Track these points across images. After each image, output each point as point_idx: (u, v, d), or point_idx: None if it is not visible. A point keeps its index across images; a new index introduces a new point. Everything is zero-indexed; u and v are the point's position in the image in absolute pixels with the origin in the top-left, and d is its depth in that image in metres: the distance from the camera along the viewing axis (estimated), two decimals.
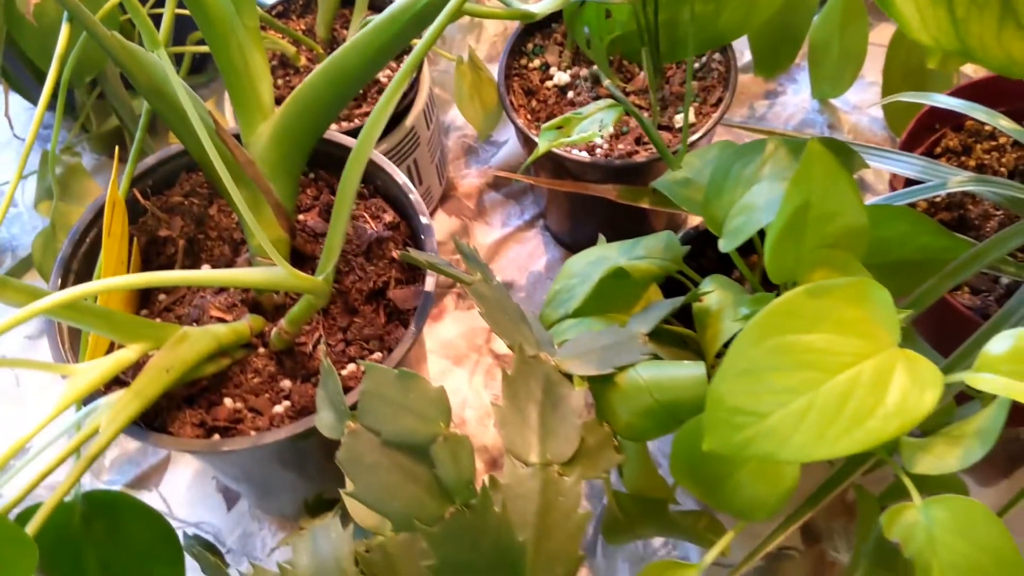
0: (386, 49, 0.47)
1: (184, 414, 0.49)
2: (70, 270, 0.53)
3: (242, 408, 0.51)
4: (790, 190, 0.43)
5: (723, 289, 0.49)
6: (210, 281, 0.43)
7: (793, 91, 0.83)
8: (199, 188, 0.57)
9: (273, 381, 0.52)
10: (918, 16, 0.34)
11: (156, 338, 0.47)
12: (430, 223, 0.53)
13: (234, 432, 0.49)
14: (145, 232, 0.56)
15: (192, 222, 0.57)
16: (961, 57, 0.35)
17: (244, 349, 0.52)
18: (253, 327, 0.52)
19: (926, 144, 0.64)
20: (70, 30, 0.48)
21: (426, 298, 0.51)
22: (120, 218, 0.51)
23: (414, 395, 0.38)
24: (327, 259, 0.46)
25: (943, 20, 0.34)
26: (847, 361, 0.37)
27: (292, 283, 0.45)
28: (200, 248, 0.57)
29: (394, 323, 0.53)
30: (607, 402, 0.45)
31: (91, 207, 0.55)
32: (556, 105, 0.67)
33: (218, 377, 0.51)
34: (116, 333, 0.46)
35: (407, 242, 0.56)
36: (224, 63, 0.50)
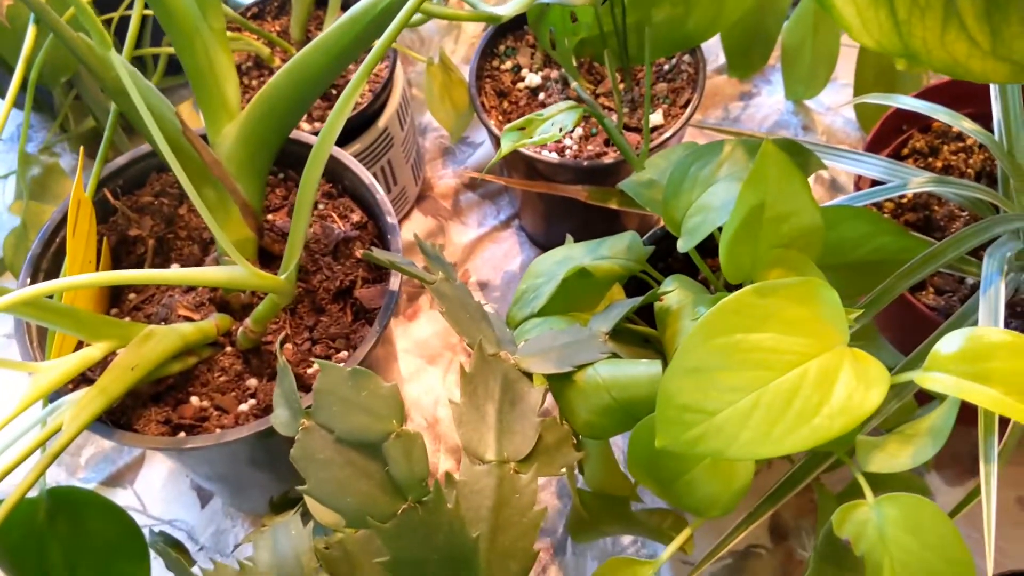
0: (348, 50, 0.47)
1: (150, 412, 0.50)
2: (39, 269, 0.54)
3: (208, 406, 0.51)
4: (744, 190, 0.43)
5: (684, 289, 0.49)
6: (171, 280, 0.43)
7: (768, 92, 0.84)
8: (169, 188, 0.58)
9: (239, 380, 0.52)
10: (858, 18, 0.34)
11: (121, 336, 0.48)
12: (395, 223, 0.54)
13: (200, 430, 0.50)
14: (115, 232, 0.56)
15: (162, 222, 0.57)
16: (905, 59, 0.35)
17: (211, 348, 0.53)
18: (220, 326, 0.52)
19: (893, 145, 0.64)
20: (36, 31, 0.48)
21: (390, 297, 0.52)
22: (87, 217, 0.51)
23: (367, 393, 0.38)
24: (289, 257, 0.47)
25: (885, 22, 0.34)
26: (793, 360, 0.38)
27: (254, 282, 0.45)
28: (170, 248, 0.57)
29: (360, 322, 0.54)
30: (566, 400, 0.46)
31: (61, 206, 0.55)
32: (528, 107, 0.67)
33: (185, 375, 0.51)
34: (81, 331, 0.46)
35: (374, 241, 0.56)
36: (189, 64, 0.50)
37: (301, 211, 0.45)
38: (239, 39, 0.67)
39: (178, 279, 0.44)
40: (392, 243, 0.53)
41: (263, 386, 0.51)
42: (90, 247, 0.52)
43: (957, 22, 0.35)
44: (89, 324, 0.47)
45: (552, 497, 0.65)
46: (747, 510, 0.48)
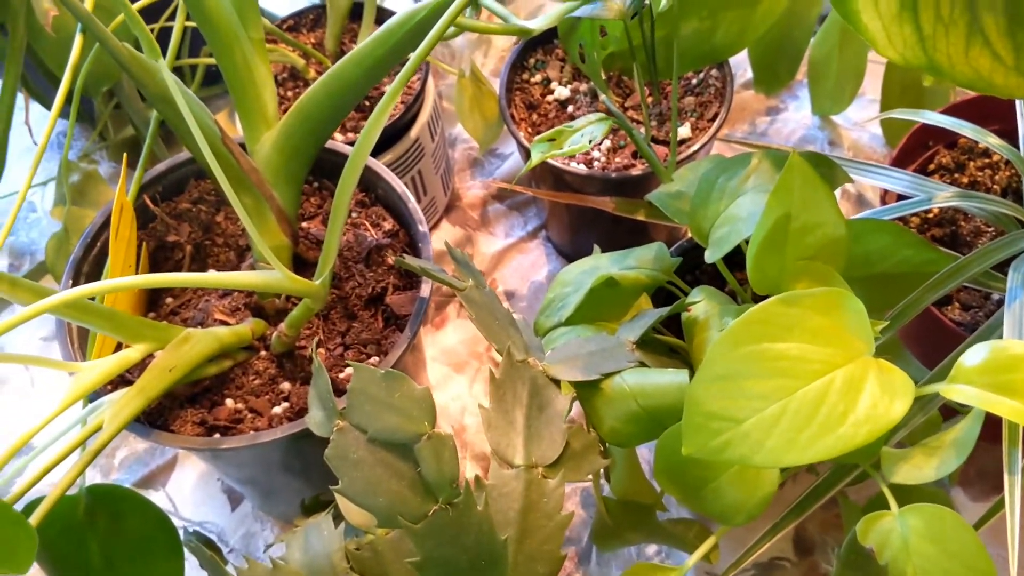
0: (383, 62, 0.48)
1: (186, 413, 0.51)
2: (80, 272, 0.55)
3: (243, 409, 0.52)
4: (771, 202, 0.44)
5: (711, 300, 0.50)
6: (210, 283, 0.44)
7: (794, 107, 0.84)
8: (207, 195, 0.59)
9: (273, 383, 0.53)
10: (884, 33, 0.35)
11: (160, 339, 0.49)
12: (427, 231, 0.55)
13: (234, 431, 0.51)
14: (154, 237, 0.58)
15: (199, 228, 0.58)
16: (930, 73, 0.36)
17: (246, 351, 0.54)
18: (255, 330, 0.54)
19: (919, 161, 0.65)
20: (83, 40, 0.50)
21: (420, 303, 0.53)
22: (128, 222, 0.53)
23: (399, 395, 0.39)
24: (324, 264, 0.48)
25: (909, 37, 0.35)
26: (819, 369, 0.38)
27: (289, 286, 0.46)
28: (207, 254, 0.58)
29: (391, 328, 0.55)
30: (593, 407, 0.46)
31: (103, 211, 0.57)
32: (556, 119, 0.68)
33: (220, 378, 0.53)
34: (121, 333, 0.48)
35: (405, 249, 0.57)
36: (229, 73, 0.52)
37: (336, 219, 0.46)
38: (275, 50, 0.69)
39: (218, 282, 0.45)
40: (423, 251, 0.54)
41: (296, 390, 0.52)
42: (130, 252, 0.53)
43: (981, 38, 0.36)
44: (129, 326, 0.48)
45: (577, 507, 0.66)
46: (772, 521, 0.48)
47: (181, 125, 0.52)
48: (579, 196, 0.66)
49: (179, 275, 0.43)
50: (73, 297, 0.39)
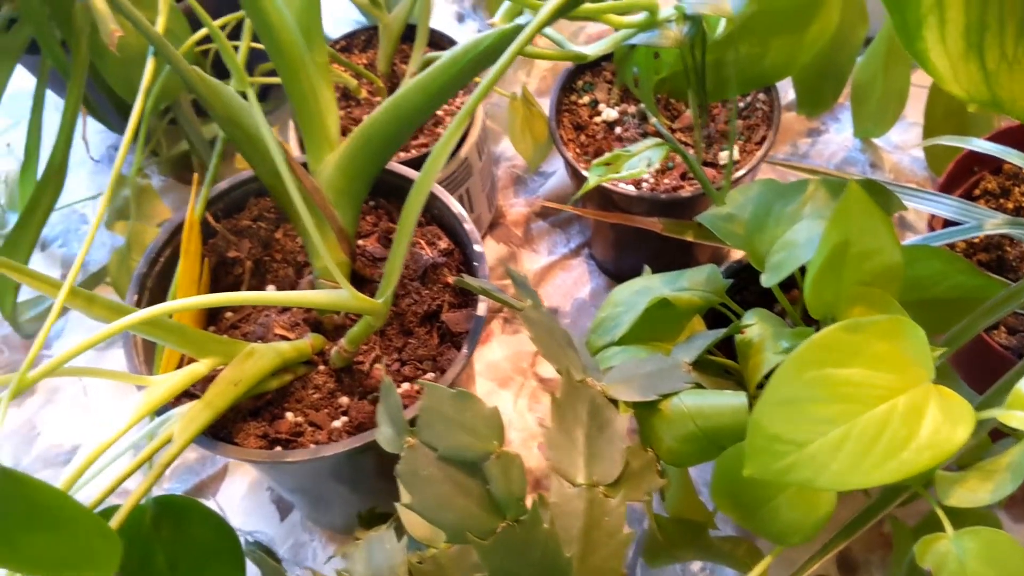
0: (448, 88, 0.50)
1: (248, 426, 0.52)
2: (145, 287, 0.56)
3: (302, 422, 0.53)
4: (829, 228, 0.45)
5: (764, 322, 0.50)
6: (283, 302, 0.46)
7: (835, 129, 0.85)
8: (267, 212, 0.61)
9: (332, 397, 0.54)
10: (951, 70, 0.36)
11: (225, 353, 0.50)
12: (482, 251, 0.56)
13: (295, 444, 0.52)
14: (215, 253, 0.59)
15: (259, 244, 0.60)
16: (992, 109, 0.36)
17: (305, 366, 0.55)
18: (314, 345, 0.55)
19: (965, 186, 0.65)
20: (155, 64, 0.51)
21: (477, 322, 0.54)
22: (195, 239, 0.54)
23: (469, 413, 0.40)
24: (387, 283, 0.49)
25: (975, 74, 0.36)
26: (882, 395, 0.39)
27: (355, 305, 0.48)
28: (266, 269, 0.60)
29: (446, 345, 0.56)
30: (651, 427, 0.47)
31: (165, 228, 0.58)
32: (604, 140, 0.69)
33: (281, 392, 0.54)
34: (189, 348, 0.49)
35: (460, 268, 0.58)
36: (296, 96, 0.53)
37: (401, 241, 0.48)
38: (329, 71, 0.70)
39: (288, 301, 0.46)
40: (479, 270, 0.55)
41: (354, 404, 0.53)
42: (195, 267, 0.55)
43: None
44: (197, 341, 0.49)
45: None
46: (821, 542, 0.49)
47: (247, 146, 0.53)
48: (627, 216, 0.67)
49: (254, 294, 0.44)
50: (154, 315, 0.41)
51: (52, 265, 0.84)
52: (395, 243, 0.48)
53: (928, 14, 0.35)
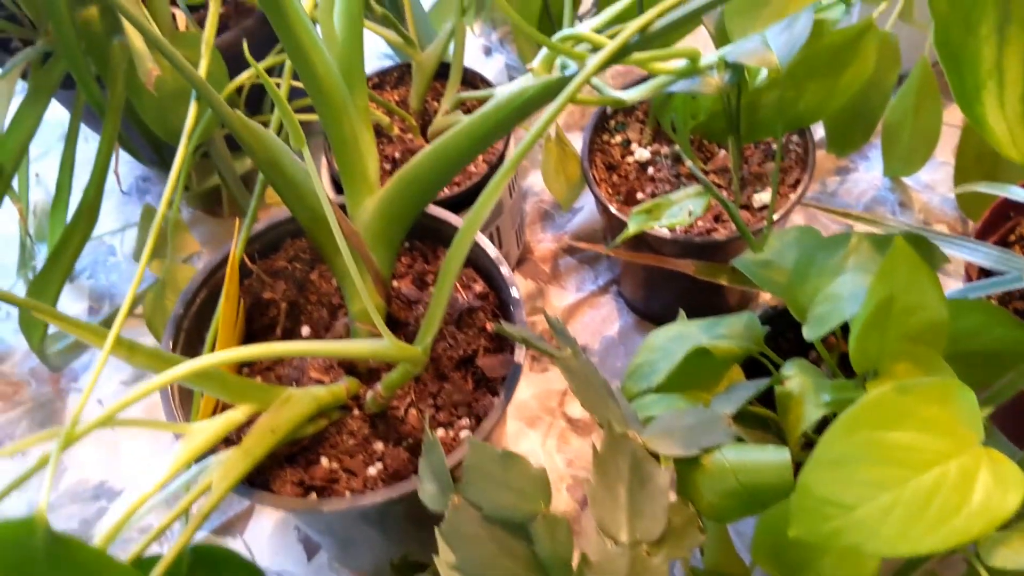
0: (490, 135, 0.50)
1: (285, 472, 0.52)
2: (181, 328, 0.56)
3: (337, 468, 0.53)
4: (875, 284, 0.44)
5: (804, 374, 0.50)
6: (322, 352, 0.45)
7: (864, 168, 0.85)
8: (302, 254, 0.61)
9: (367, 443, 0.54)
10: (1009, 134, 0.36)
11: (263, 400, 0.50)
12: (519, 297, 0.56)
13: (329, 492, 0.52)
14: (251, 294, 0.59)
15: (294, 286, 0.60)
16: None
17: (340, 410, 0.55)
18: (349, 389, 0.55)
19: (1001, 231, 0.65)
20: (198, 108, 0.52)
21: (515, 370, 0.53)
22: (234, 283, 0.54)
23: (515, 473, 0.40)
24: (426, 331, 0.49)
25: None
26: (932, 459, 0.38)
27: (395, 354, 0.47)
28: (300, 311, 0.60)
29: (482, 390, 0.55)
30: (692, 482, 0.47)
31: (202, 269, 0.58)
32: (637, 180, 0.69)
33: (316, 437, 0.54)
34: (228, 395, 0.49)
35: (495, 312, 0.58)
36: (336, 139, 0.53)
37: (442, 290, 0.47)
38: None
39: (330, 351, 0.46)
40: (516, 316, 0.55)
41: (389, 451, 0.53)
42: (234, 311, 0.55)
43: None
44: (235, 388, 0.49)
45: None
46: None
47: (286, 190, 0.53)
48: (659, 258, 0.67)
49: (297, 344, 0.44)
50: (203, 367, 0.41)
51: (80, 297, 0.84)
52: (436, 292, 0.48)
53: (988, 78, 0.34)
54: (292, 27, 0.48)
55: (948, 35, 0.33)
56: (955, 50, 0.33)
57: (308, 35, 0.48)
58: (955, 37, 0.33)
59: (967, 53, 0.33)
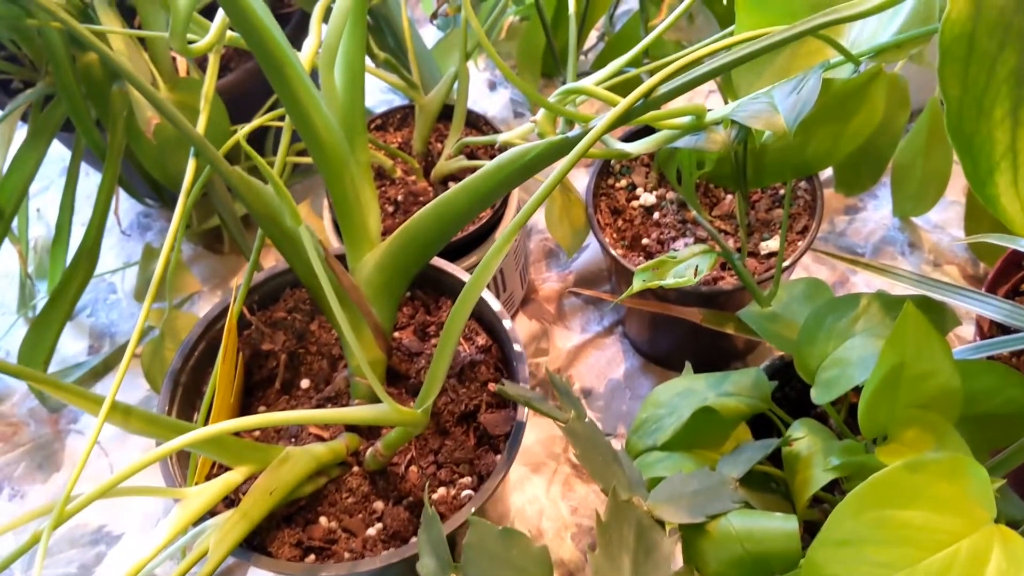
0: (493, 193, 0.49)
1: (283, 533, 0.51)
2: (179, 383, 0.56)
3: (336, 528, 0.52)
4: (885, 350, 0.44)
5: (813, 435, 0.49)
6: (322, 420, 0.45)
7: (873, 207, 0.84)
8: (302, 304, 0.60)
9: (366, 502, 0.53)
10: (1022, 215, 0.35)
11: (261, 460, 0.50)
12: (522, 351, 0.55)
13: (328, 553, 0.51)
14: (249, 345, 0.59)
15: (294, 337, 0.59)
16: None
17: (340, 467, 0.54)
18: (349, 446, 0.54)
19: (1012, 281, 0.64)
20: (196, 164, 0.51)
21: (517, 428, 0.53)
22: (232, 337, 0.54)
23: (516, 551, 0.39)
24: (428, 392, 0.48)
25: None
26: (943, 539, 0.38)
27: (396, 418, 0.47)
28: (300, 362, 0.59)
29: (484, 447, 0.55)
30: (697, 549, 0.46)
31: (201, 321, 0.58)
32: (642, 225, 0.69)
33: (314, 495, 0.53)
34: (225, 457, 0.48)
35: (498, 366, 0.58)
36: (337, 195, 0.53)
37: (445, 350, 0.47)
38: None
39: (330, 418, 0.46)
40: (519, 372, 0.55)
41: (389, 510, 0.53)
42: (232, 368, 0.54)
43: None
44: (233, 449, 0.49)
45: None
46: None
47: (284, 244, 0.53)
48: (665, 306, 0.66)
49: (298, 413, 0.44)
50: (209, 436, 0.40)
51: (80, 335, 0.84)
52: (439, 352, 0.48)
53: (1001, 160, 0.34)
54: (291, 87, 0.47)
55: (961, 119, 0.32)
56: (968, 133, 0.33)
57: (307, 94, 0.48)
58: (968, 120, 0.33)
59: (980, 136, 0.33)
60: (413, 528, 0.52)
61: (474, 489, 0.53)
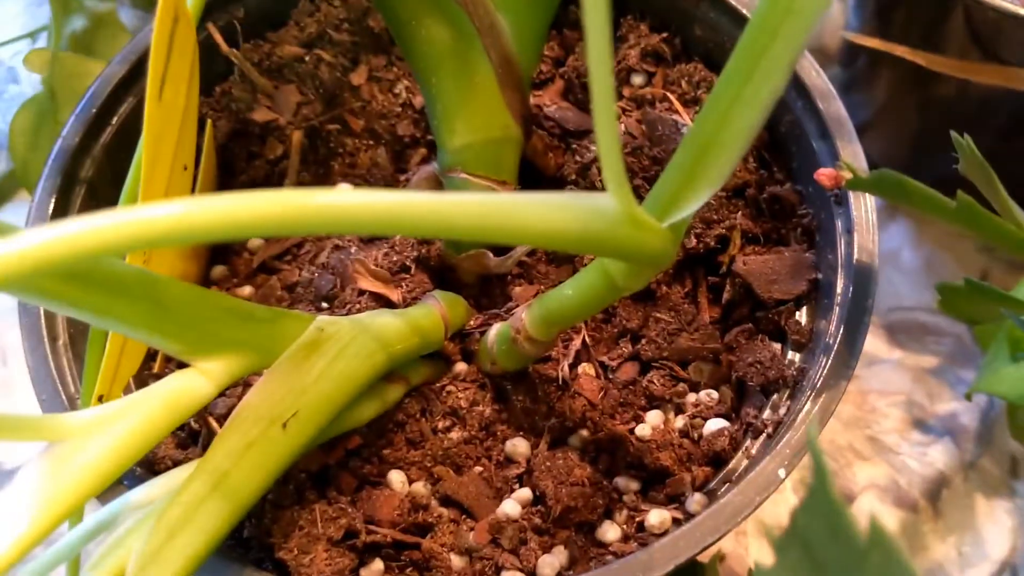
0: None
1: (312, 512, 0.23)
2: (76, 179, 0.27)
3: (427, 496, 0.24)
4: None
5: None
6: (420, 219, 0.16)
7: None
8: (334, 31, 0.30)
9: (489, 436, 0.25)
10: None
11: (258, 343, 0.21)
12: (840, 112, 0.26)
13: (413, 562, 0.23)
14: (227, 113, 0.29)
15: (318, 98, 0.30)
16: None
17: (428, 365, 0.26)
18: (450, 318, 0.25)
19: None
20: None
21: (858, 278, 0.24)
22: (185, 69, 0.24)
23: None
24: (691, 181, 0.19)
25: None
26: None
27: (627, 235, 0.18)
28: (331, 149, 0.30)
29: (742, 327, 0.26)
30: None
31: (123, 53, 0.28)
32: None
33: (378, 426, 0.25)
34: (168, 333, 0.20)
35: (763, 153, 0.28)
36: None
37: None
38: None
39: (445, 212, 0.16)
40: (837, 135, 0.26)
41: (544, 457, 0.24)
42: (187, 134, 0.25)
43: None
44: (188, 315, 0.20)
45: None
46: None
47: None
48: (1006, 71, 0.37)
49: (344, 196, 0.15)
50: (63, 252, 0.11)
51: None
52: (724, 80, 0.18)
53: None
54: None
55: None
56: None
57: None
58: None
59: None
60: (604, 499, 0.24)
61: (728, 417, 0.25)
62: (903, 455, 0.39)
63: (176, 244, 0.23)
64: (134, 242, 0.14)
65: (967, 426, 0.39)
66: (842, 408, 0.40)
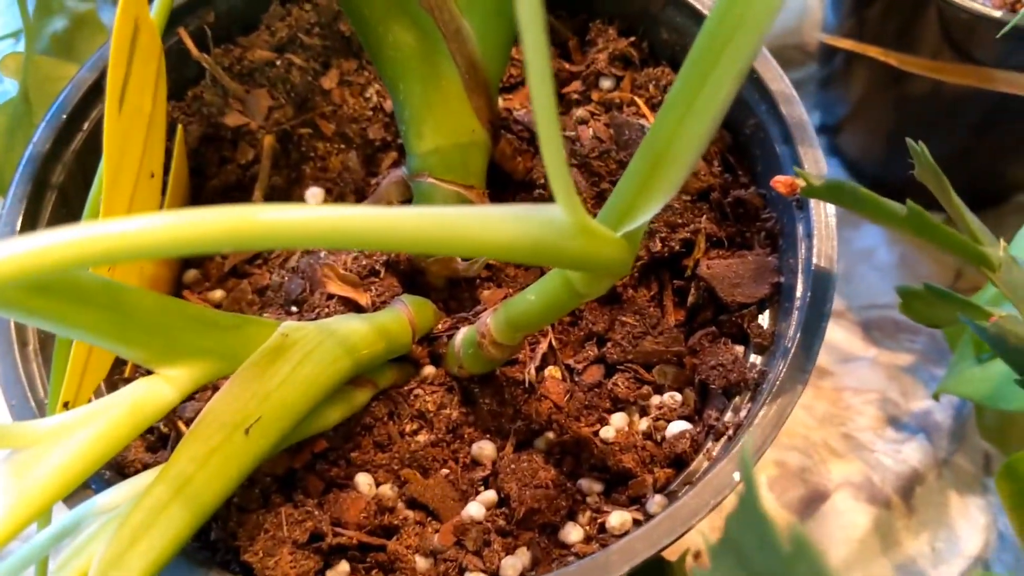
0: None
1: (277, 516, 0.23)
2: (46, 184, 0.28)
3: (394, 497, 0.25)
4: None
5: None
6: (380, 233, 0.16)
7: None
8: (304, 35, 0.31)
9: (455, 438, 0.26)
10: None
11: (223, 350, 0.21)
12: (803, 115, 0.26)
13: (378, 564, 0.24)
14: (198, 117, 0.30)
15: (290, 101, 0.30)
16: None
17: (396, 369, 0.26)
18: (417, 321, 0.26)
19: None
20: None
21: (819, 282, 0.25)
22: (151, 76, 0.25)
23: None
24: (644, 192, 0.19)
25: None
26: None
27: (581, 247, 0.19)
28: (301, 154, 0.30)
29: (705, 331, 0.27)
30: None
31: (94, 59, 0.29)
32: None
33: (345, 430, 0.25)
34: (132, 341, 0.20)
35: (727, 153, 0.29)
36: None
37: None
38: None
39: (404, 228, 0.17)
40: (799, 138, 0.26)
41: (509, 460, 0.25)
42: (154, 141, 0.25)
43: None
44: (153, 323, 0.20)
45: None
46: None
47: None
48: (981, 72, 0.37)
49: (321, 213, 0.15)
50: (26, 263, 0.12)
51: None
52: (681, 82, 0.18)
53: None
54: None
55: None
56: None
57: None
58: None
59: None
60: (568, 501, 0.24)
61: (690, 419, 0.26)
62: (877, 452, 0.39)
63: (128, 261, 0.23)
64: (83, 260, 0.14)
65: (941, 423, 0.40)
66: (817, 405, 0.41)
